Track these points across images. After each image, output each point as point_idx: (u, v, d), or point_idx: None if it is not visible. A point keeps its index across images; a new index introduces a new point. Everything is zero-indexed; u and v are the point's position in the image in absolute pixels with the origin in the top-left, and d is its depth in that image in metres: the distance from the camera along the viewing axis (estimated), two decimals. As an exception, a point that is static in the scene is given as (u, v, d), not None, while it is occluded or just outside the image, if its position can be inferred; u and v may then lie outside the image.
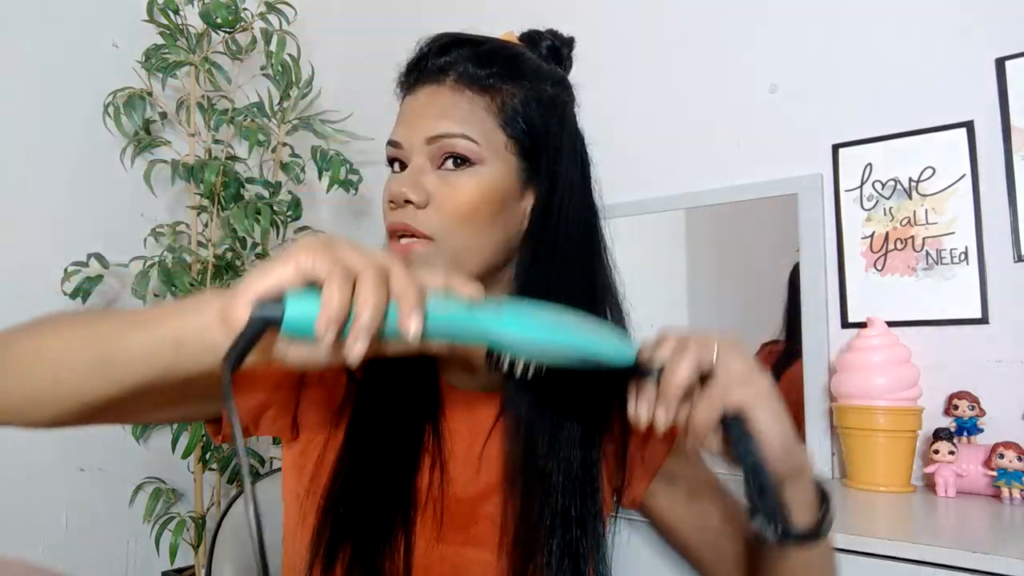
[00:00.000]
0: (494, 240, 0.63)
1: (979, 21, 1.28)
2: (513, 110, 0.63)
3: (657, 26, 1.64)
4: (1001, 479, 1.09)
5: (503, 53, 0.65)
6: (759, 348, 1.50)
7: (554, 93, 0.67)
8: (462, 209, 0.61)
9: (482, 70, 0.63)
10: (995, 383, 1.21)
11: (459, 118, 0.62)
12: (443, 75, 0.64)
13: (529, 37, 0.71)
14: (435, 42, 0.66)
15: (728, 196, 1.51)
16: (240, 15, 1.70)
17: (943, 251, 1.29)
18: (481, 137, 0.62)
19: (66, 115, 1.65)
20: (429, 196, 0.61)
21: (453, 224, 0.61)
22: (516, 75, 0.64)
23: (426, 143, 0.62)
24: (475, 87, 0.63)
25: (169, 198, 1.80)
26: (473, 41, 0.66)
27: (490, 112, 0.63)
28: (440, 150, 0.62)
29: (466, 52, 0.64)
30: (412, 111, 0.65)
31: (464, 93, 0.63)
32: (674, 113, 1.59)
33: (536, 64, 0.67)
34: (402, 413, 0.65)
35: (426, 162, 0.63)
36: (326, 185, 1.78)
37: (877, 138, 1.37)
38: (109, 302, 1.70)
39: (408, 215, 0.62)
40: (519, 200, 0.64)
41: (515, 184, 0.64)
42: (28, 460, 1.55)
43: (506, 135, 0.63)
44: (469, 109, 0.62)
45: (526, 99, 0.64)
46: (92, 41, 1.70)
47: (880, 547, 0.87)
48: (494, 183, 0.62)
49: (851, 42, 1.41)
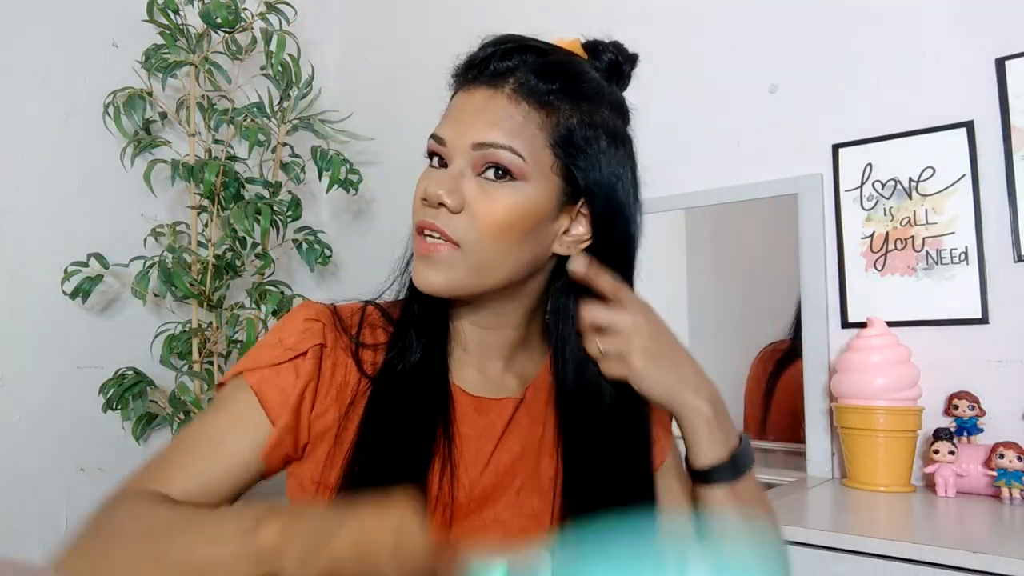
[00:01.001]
0: (522, 258, 0.63)
1: (979, 21, 1.28)
2: (567, 131, 0.62)
3: (657, 26, 1.64)
4: (1001, 479, 1.09)
5: (567, 69, 0.64)
6: (764, 347, 1.50)
7: (610, 118, 0.65)
8: (496, 223, 0.60)
9: (543, 84, 0.62)
10: (995, 383, 1.21)
11: (511, 130, 0.60)
12: (503, 80, 0.62)
13: (593, 47, 0.69)
14: (501, 43, 0.64)
15: (728, 196, 1.51)
16: (240, 15, 1.70)
17: (943, 251, 1.29)
18: (528, 153, 0.60)
19: (66, 115, 1.65)
20: (464, 202, 0.60)
21: (483, 236, 0.60)
22: (576, 95, 0.63)
23: (472, 148, 0.61)
24: (533, 100, 0.61)
25: (169, 198, 1.80)
26: (539, 49, 0.64)
27: (543, 129, 0.61)
28: (484, 158, 0.60)
29: (530, 61, 0.63)
30: (464, 111, 0.63)
31: (520, 105, 0.61)
32: (674, 113, 1.59)
33: (598, 86, 0.66)
34: (413, 415, 0.64)
35: (467, 166, 0.61)
36: (326, 185, 1.78)
37: (877, 138, 1.37)
38: (109, 302, 1.71)
39: (440, 217, 0.61)
40: (554, 221, 0.64)
41: (554, 206, 0.63)
42: (28, 460, 1.55)
43: (554, 155, 0.62)
44: (523, 122, 0.61)
45: (582, 122, 0.62)
46: (92, 41, 1.70)
47: (880, 547, 0.87)
48: (533, 202, 0.61)
49: (851, 42, 1.41)
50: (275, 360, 0.63)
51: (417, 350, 0.66)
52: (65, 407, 1.61)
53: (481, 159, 0.61)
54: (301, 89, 1.79)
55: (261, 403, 0.62)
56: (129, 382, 1.56)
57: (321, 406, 0.64)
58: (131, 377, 1.57)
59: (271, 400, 0.62)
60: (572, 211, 0.64)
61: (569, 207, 0.64)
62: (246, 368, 0.63)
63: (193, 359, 1.65)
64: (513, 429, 0.68)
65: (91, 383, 1.58)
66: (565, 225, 0.64)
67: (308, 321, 0.66)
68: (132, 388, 1.56)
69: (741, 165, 1.50)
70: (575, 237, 0.65)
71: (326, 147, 1.79)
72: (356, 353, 0.66)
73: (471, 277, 0.61)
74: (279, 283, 1.75)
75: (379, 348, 0.67)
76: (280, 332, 0.66)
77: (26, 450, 1.54)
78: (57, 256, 1.54)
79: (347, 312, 0.69)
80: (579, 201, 0.64)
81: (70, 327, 1.63)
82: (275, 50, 1.71)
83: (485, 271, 0.61)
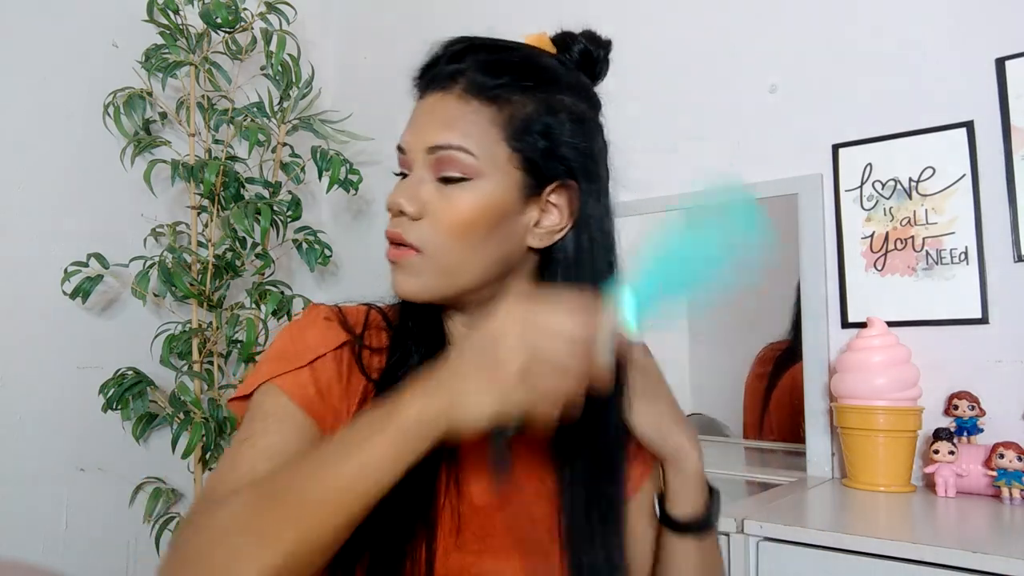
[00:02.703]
0: (490, 256, 0.62)
1: (979, 21, 1.28)
2: (522, 123, 0.61)
3: (657, 26, 1.64)
4: (1001, 479, 1.09)
5: (517, 61, 0.63)
6: (763, 348, 1.50)
7: (571, 104, 0.64)
8: (456, 224, 0.60)
9: (491, 79, 0.61)
10: (995, 383, 1.21)
11: (462, 130, 0.60)
12: (453, 82, 0.61)
13: (561, 40, 0.68)
14: (450, 46, 0.63)
15: (728, 196, 1.50)
16: (240, 15, 1.70)
17: (943, 251, 1.29)
18: (481, 150, 0.60)
19: (66, 115, 1.65)
20: (424, 208, 0.60)
21: (445, 239, 0.60)
22: (529, 85, 0.62)
23: (427, 152, 0.61)
24: (482, 97, 0.61)
25: (169, 198, 1.80)
26: (489, 47, 0.63)
27: (495, 124, 0.60)
28: (438, 161, 0.60)
29: (480, 59, 0.62)
30: (418, 117, 0.63)
31: (470, 103, 0.61)
32: (674, 113, 1.59)
33: (553, 73, 0.64)
34: None
35: (427, 171, 0.61)
36: (326, 185, 1.78)
37: (877, 138, 1.37)
38: (109, 302, 1.71)
39: (402, 225, 0.61)
40: (521, 213, 0.62)
41: (517, 199, 0.61)
42: (28, 460, 1.55)
43: (511, 148, 0.61)
44: (473, 120, 0.60)
45: (538, 110, 0.62)
46: (92, 41, 1.70)
47: (880, 547, 0.87)
48: (491, 198, 0.60)
49: (851, 42, 1.41)
50: (300, 363, 0.63)
51: (416, 355, 0.65)
52: (65, 407, 1.61)
53: (436, 162, 0.60)
54: (301, 89, 1.79)
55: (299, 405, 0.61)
56: (129, 382, 1.56)
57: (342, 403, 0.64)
58: (131, 377, 1.57)
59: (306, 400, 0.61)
60: (540, 202, 0.63)
61: (535, 198, 0.62)
62: (273, 374, 0.62)
63: (193, 359, 1.65)
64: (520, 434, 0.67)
65: (91, 383, 1.58)
66: (535, 217, 0.63)
67: (327, 321, 0.66)
68: (132, 388, 1.56)
69: (741, 165, 1.50)
70: (548, 228, 0.63)
71: (326, 147, 1.80)
72: (359, 356, 0.66)
73: (441, 280, 0.61)
74: (279, 283, 1.75)
75: (383, 352, 0.67)
76: (300, 334, 0.65)
77: (26, 450, 1.54)
78: (57, 256, 1.54)
79: (352, 314, 0.69)
80: (545, 190, 0.63)
81: (70, 327, 1.63)
82: (275, 50, 1.71)
83: (454, 273, 0.61)
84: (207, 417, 1.58)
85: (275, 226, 1.74)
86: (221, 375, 1.71)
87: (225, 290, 1.72)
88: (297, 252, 1.81)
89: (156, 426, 1.63)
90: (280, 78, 1.75)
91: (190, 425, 1.54)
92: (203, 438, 1.56)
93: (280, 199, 1.77)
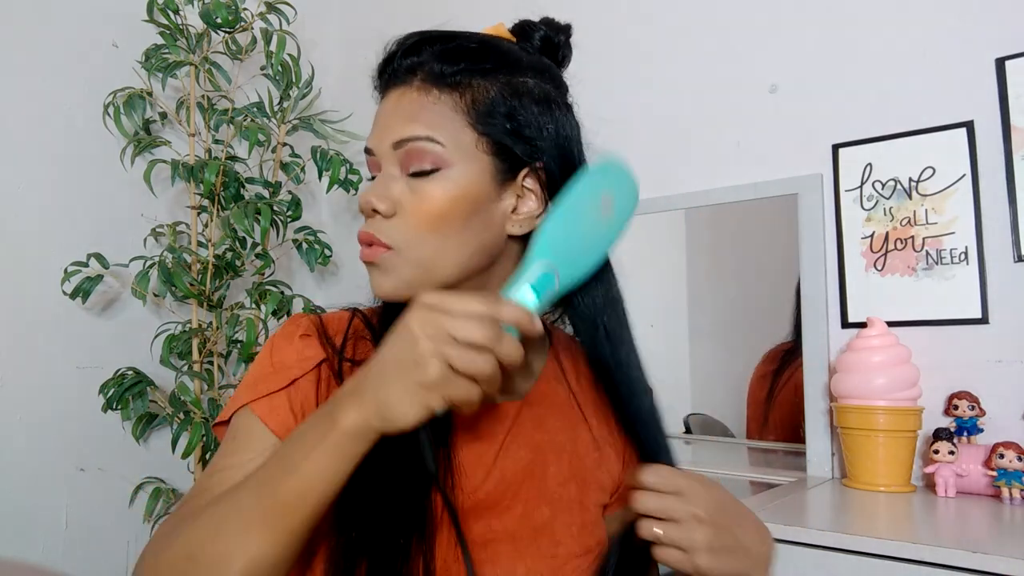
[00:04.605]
0: (468, 246, 0.60)
1: (979, 21, 1.28)
2: (486, 106, 0.60)
3: (657, 26, 1.64)
4: (1001, 479, 1.09)
5: (473, 47, 0.62)
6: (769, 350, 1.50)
7: (535, 84, 0.63)
8: (428, 217, 0.59)
9: (449, 67, 0.60)
10: (995, 383, 1.21)
11: (426, 120, 0.59)
12: (411, 76, 0.61)
13: (520, 28, 0.67)
14: (404, 42, 0.63)
15: (728, 196, 1.51)
16: (240, 15, 1.70)
17: (943, 251, 1.29)
18: (447, 138, 0.59)
19: (66, 115, 1.65)
20: (396, 205, 0.60)
21: (419, 233, 0.59)
22: (489, 69, 0.61)
23: (393, 148, 0.60)
24: (442, 85, 0.60)
25: (169, 198, 1.80)
26: (443, 37, 0.63)
27: (458, 111, 0.60)
28: (406, 155, 0.60)
29: (435, 49, 0.61)
30: (381, 116, 0.63)
31: (431, 93, 0.60)
32: (674, 113, 1.59)
33: (514, 56, 0.63)
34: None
35: (396, 168, 0.61)
36: (326, 185, 1.78)
37: (877, 138, 1.37)
38: (109, 302, 1.71)
39: (374, 224, 0.60)
40: (497, 200, 0.61)
41: (489, 185, 0.60)
42: (28, 460, 1.55)
43: (477, 133, 0.60)
44: (436, 109, 0.59)
45: (502, 92, 0.61)
46: (92, 41, 1.70)
47: (880, 547, 0.87)
48: (463, 187, 0.59)
49: (851, 42, 1.41)
50: (277, 386, 0.62)
51: None
52: (65, 407, 1.61)
53: (404, 156, 0.60)
54: (301, 89, 1.79)
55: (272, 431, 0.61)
56: (129, 382, 1.56)
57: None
58: (131, 377, 1.57)
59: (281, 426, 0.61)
60: (515, 187, 0.62)
61: (510, 183, 0.62)
62: (249, 399, 0.62)
63: (193, 359, 1.65)
64: (517, 435, 0.66)
65: (91, 383, 1.58)
66: (512, 203, 0.62)
67: (303, 339, 0.65)
68: (132, 388, 1.56)
69: (741, 165, 1.50)
70: (526, 213, 0.63)
71: (326, 147, 1.80)
72: (340, 370, 0.64)
73: (418, 275, 0.60)
74: (279, 283, 1.75)
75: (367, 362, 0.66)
76: (276, 355, 0.64)
77: (26, 450, 1.54)
78: (57, 256, 1.54)
79: (333, 323, 0.68)
80: (519, 174, 0.62)
81: (70, 327, 1.63)
82: (275, 50, 1.71)
83: (430, 266, 0.60)
84: (207, 417, 1.58)
85: (275, 226, 1.74)
86: (221, 375, 1.71)
87: (225, 290, 1.72)
88: (297, 252, 1.81)
89: (156, 426, 1.63)
90: (280, 78, 1.75)
91: (190, 425, 1.54)
92: (203, 438, 1.56)
93: (280, 199, 1.77)
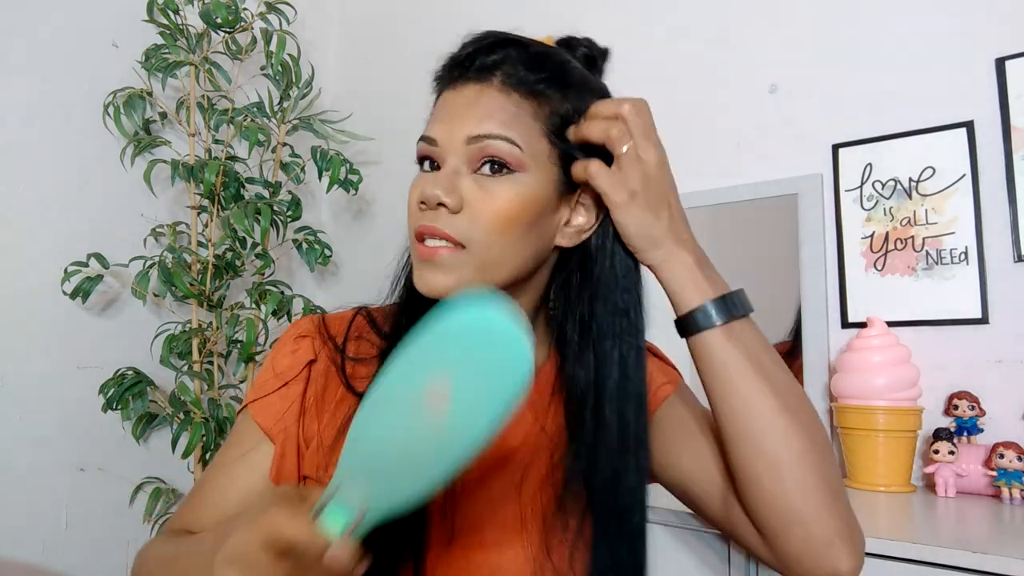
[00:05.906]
0: (526, 252, 0.61)
1: (979, 21, 1.28)
2: (561, 119, 0.61)
3: (656, 26, 1.64)
4: (1001, 479, 1.09)
5: (553, 59, 0.63)
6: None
7: None
8: (498, 218, 0.58)
9: (532, 74, 0.61)
10: (995, 383, 1.21)
11: (505, 121, 0.59)
12: (490, 74, 0.61)
13: (566, 43, 0.68)
14: (483, 40, 0.63)
15: (728, 196, 1.51)
16: (240, 15, 1.70)
17: (943, 251, 1.29)
18: (525, 143, 0.59)
19: (66, 115, 1.65)
20: (463, 201, 0.59)
21: (487, 233, 0.58)
22: (565, 84, 0.62)
23: (466, 143, 0.59)
24: (523, 90, 0.60)
25: (169, 198, 1.80)
26: (522, 43, 0.63)
27: (537, 119, 0.60)
28: (480, 152, 0.59)
29: (515, 53, 0.62)
30: (453, 108, 0.61)
31: (511, 95, 0.60)
32: (673, 113, 1.59)
33: (582, 75, 0.65)
34: None
35: (462, 164, 0.60)
36: (326, 185, 1.78)
37: (877, 138, 1.37)
38: (109, 302, 1.71)
39: (440, 218, 0.58)
40: (555, 212, 0.62)
41: (554, 195, 0.61)
42: (28, 460, 1.55)
43: (550, 144, 0.61)
44: (516, 112, 0.59)
45: (572, 110, 0.62)
46: (92, 41, 1.70)
47: (880, 547, 0.87)
48: (534, 193, 0.60)
49: (851, 42, 1.41)
50: (271, 389, 0.66)
51: None
52: (65, 407, 1.61)
53: (478, 153, 0.59)
54: (301, 89, 1.79)
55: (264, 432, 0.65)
56: (129, 382, 1.56)
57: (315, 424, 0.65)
58: (131, 377, 1.57)
59: (272, 427, 0.64)
60: (571, 200, 0.64)
61: (568, 196, 0.63)
62: (249, 401, 0.66)
63: (193, 359, 1.65)
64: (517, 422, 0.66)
65: (91, 383, 1.58)
66: (566, 216, 0.63)
67: (297, 340, 0.67)
68: (132, 388, 1.56)
69: (741, 165, 1.50)
70: (577, 227, 0.64)
71: (326, 147, 1.80)
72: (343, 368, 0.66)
73: (477, 276, 0.59)
74: (279, 283, 1.75)
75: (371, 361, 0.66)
76: (274, 358, 0.67)
77: (26, 450, 1.54)
78: (57, 256, 1.54)
79: (335, 323, 0.69)
80: (577, 190, 0.63)
81: (70, 327, 1.63)
82: (275, 50, 1.71)
83: (490, 269, 0.59)
84: (207, 417, 1.58)
85: (275, 226, 1.74)
86: (221, 375, 1.71)
87: (225, 290, 1.72)
88: (297, 252, 1.81)
89: (156, 426, 1.63)
90: (280, 78, 1.75)
91: (190, 425, 1.54)
92: (203, 438, 1.56)
93: (280, 199, 1.77)
